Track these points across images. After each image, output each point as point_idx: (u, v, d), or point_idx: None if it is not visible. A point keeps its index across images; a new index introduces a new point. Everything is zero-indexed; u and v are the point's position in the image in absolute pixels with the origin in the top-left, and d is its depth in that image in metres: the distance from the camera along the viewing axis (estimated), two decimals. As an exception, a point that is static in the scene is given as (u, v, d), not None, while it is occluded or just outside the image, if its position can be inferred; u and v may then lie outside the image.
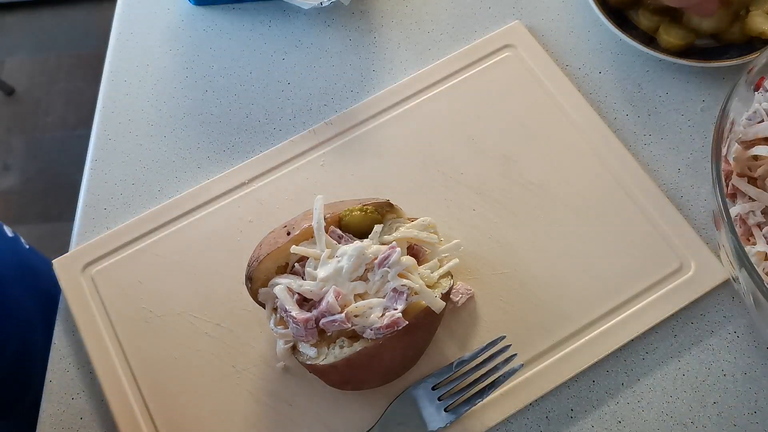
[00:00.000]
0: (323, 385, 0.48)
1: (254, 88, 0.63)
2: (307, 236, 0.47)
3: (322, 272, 0.45)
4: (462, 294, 0.51)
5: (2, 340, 0.65)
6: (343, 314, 0.44)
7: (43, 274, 0.55)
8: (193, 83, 0.63)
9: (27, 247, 0.74)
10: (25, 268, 0.69)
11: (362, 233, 0.48)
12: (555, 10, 0.65)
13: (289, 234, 0.46)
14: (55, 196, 1.63)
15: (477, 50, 0.62)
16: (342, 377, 0.46)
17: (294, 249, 0.45)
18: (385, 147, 0.58)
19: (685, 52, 0.59)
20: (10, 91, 1.76)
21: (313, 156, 0.58)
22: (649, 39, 0.60)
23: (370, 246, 0.46)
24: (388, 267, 0.45)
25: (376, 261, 0.45)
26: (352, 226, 0.48)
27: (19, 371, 0.64)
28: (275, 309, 0.47)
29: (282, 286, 0.45)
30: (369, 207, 0.48)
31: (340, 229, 0.48)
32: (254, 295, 0.47)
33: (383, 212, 0.49)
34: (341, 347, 0.45)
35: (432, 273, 0.47)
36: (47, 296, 0.55)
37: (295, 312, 0.44)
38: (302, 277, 0.46)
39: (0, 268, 0.67)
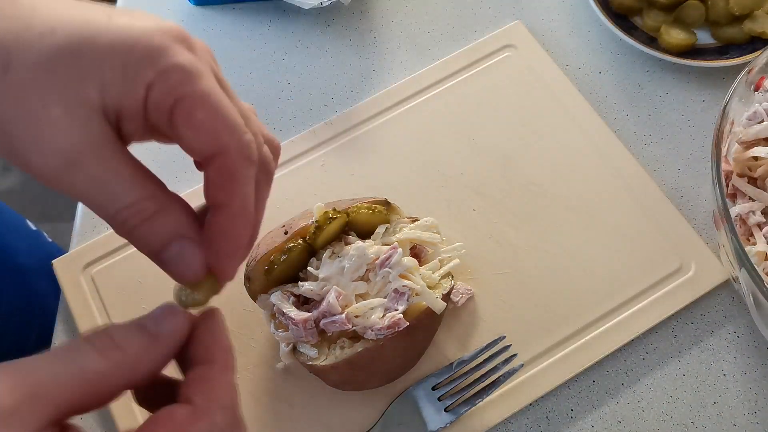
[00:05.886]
0: (323, 385, 0.48)
1: (254, 88, 0.62)
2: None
3: (323, 272, 0.45)
4: (462, 294, 0.51)
5: (26, 332, 0.65)
6: (343, 315, 0.44)
7: None
8: (193, 83, 0.63)
9: (50, 240, 0.75)
10: (50, 262, 0.71)
11: (367, 232, 0.48)
12: (555, 10, 0.65)
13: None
14: (55, 196, 1.63)
15: (477, 50, 0.61)
16: (343, 378, 0.46)
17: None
18: (385, 147, 0.58)
19: (685, 52, 0.59)
20: (10, 91, 1.76)
21: (313, 156, 0.58)
22: (649, 39, 0.60)
23: (371, 246, 0.45)
24: (390, 267, 0.45)
25: (377, 261, 0.45)
26: (359, 224, 0.48)
27: None
28: (273, 315, 0.47)
29: (278, 292, 0.45)
30: (378, 206, 0.48)
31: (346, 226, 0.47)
32: (253, 295, 0.47)
33: (388, 212, 0.49)
34: (342, 348, 0.44)
35: (433, 274, 0.47)
36: None
37: (293, 314, 0.44)
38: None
39: (26, 260, 0.67)
